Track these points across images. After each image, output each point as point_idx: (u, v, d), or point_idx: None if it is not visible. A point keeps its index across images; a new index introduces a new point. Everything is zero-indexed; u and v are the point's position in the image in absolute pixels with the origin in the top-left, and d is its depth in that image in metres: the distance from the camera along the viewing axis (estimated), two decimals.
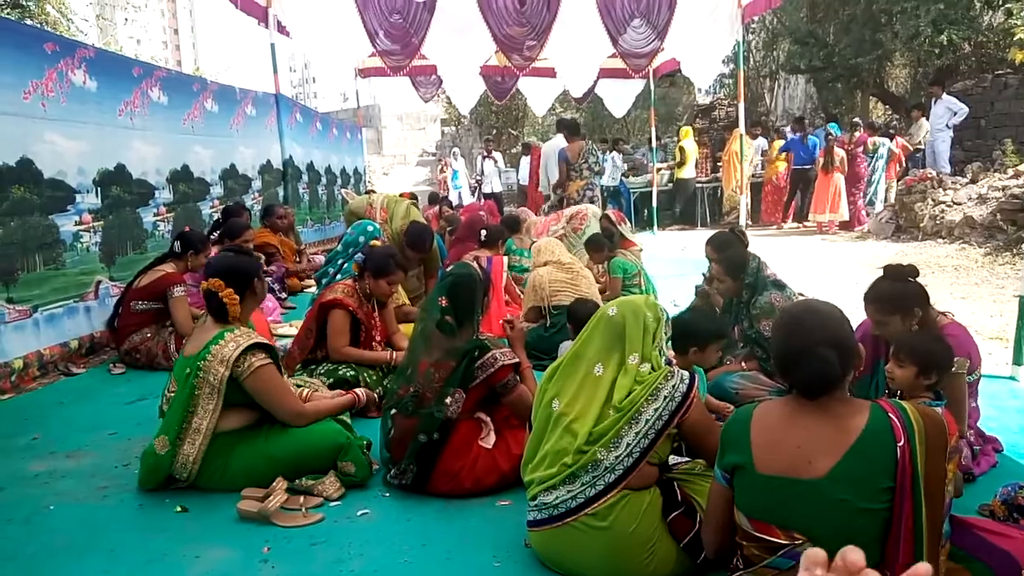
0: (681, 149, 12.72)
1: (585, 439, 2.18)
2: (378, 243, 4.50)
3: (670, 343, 2.41)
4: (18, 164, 4.57)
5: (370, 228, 5.32)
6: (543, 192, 10.42)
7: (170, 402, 2.80)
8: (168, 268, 4.80)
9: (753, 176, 12.35)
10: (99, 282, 5.31)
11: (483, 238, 5.86)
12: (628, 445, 2.15)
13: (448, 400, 2.73)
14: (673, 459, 2.48)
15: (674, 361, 2.41)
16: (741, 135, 9.50)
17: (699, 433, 2.24)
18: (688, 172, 12.82)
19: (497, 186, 14.60)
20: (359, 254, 4.14)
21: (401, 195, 10.55)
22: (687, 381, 2.23)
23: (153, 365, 4.69)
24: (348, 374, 3.72)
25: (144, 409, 3.90)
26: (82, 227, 5.16)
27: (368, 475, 2.93)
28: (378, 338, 4.08)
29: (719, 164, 13.14)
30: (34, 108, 4.68)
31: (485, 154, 14.77)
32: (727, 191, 12.65)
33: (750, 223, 11.11)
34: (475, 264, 3.08)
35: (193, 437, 2.73)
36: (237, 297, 2.83)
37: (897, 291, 2.74)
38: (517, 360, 2.87)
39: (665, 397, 2.18)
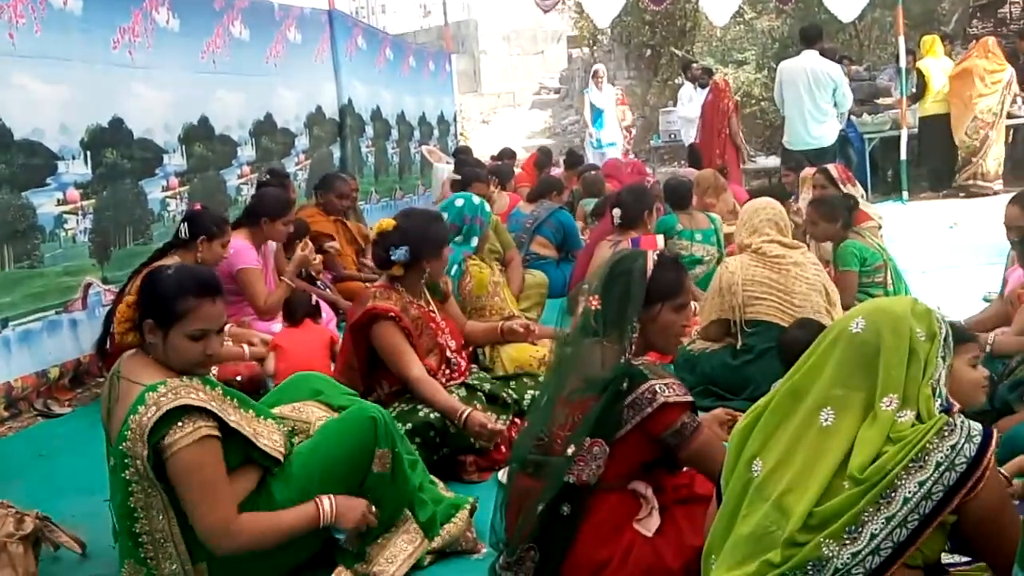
0: (919, 72, 12.19)
1: (802, 523, 2.11)
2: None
3: None
4: None
5: (459, 202, 5.38)
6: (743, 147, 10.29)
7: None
8: (173, 262, 5.01)
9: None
10: (88, 285, 5.66)
11: (618, 220, 5.83)
12: (874, 537, 2.07)
13: (572, 450, 2.72)
14: (946, 558, 2.37)
15: (956, 405, 2.29)
16: None
17: (993, 522, 2.12)
18: (935, 107, 12.26)
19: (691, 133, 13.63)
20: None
21: (500, 160, 10.54)
22: (977, 439, 2.11)
23: None
24: (432, 416, 3.80)
25: None
26: (67, 207, 5.52)
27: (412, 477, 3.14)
28: (454, 345, 4.19)
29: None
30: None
31: (689, 80, 14.21)
32: (957, 135, 11.97)
33: None
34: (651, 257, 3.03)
35: (165, 549, 2.77)
36: None
37: None
38: (690, 398, 2.82)
39: (938, 464, 2.08)
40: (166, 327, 2.76)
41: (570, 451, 2.72)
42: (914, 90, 12.45)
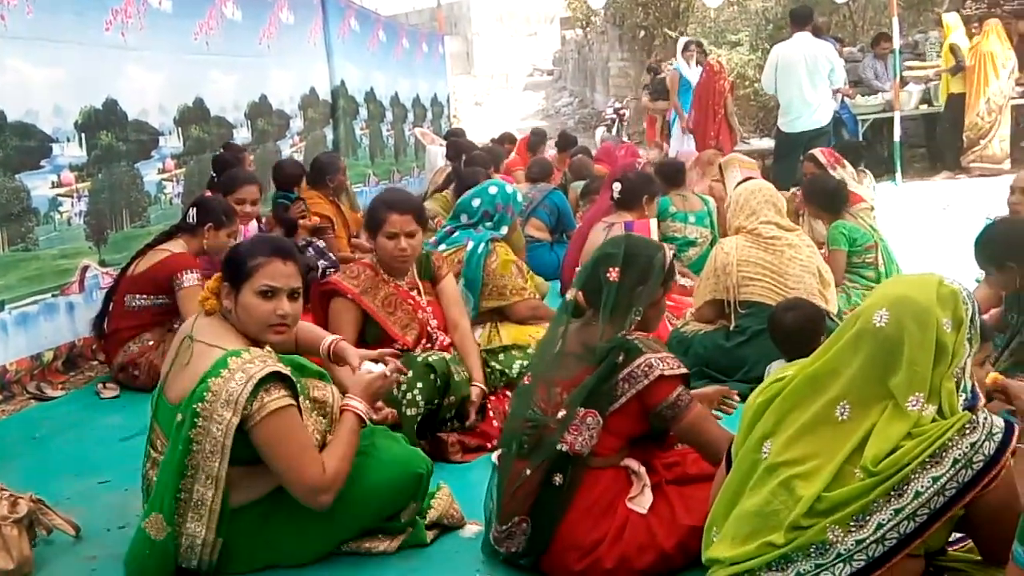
0: (954, 49, 12.04)
1: (809, 507, 2.09)
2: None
3: None
4: None
5: (492, 190, 5.36)
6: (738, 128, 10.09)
7: (158, 465, 2.86)
8: (175, 247, 4.98)
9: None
10: (86, 268, 5.62)
11: (617, 195, 5.81)
12: (880, 527, 2.05)
13: (563, 413, 2.75)
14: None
15: (980, 397, 2.25)
16: None
17: (999, 515, 2.07)
18: (959, 84, 12.19)
19: None
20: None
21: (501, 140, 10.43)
22: (998, 437, 2.07)
23: (157, 384, 4.90)
24: (432, 359, 3.84)
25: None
26: (62, 190, 5.47)
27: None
28: (435, 323, 4.18)
29: None
30: None
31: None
32: (969, 117, 11.93)
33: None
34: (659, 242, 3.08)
35: (198, 511, 2.78)
36: None
37: None
38: (685, 370, 2.84)
39: (956, 461, 2.05)
40: (237, 287, 2.84)
41: (561, 414, 2.76)
42: (943, 65, 12.29)
